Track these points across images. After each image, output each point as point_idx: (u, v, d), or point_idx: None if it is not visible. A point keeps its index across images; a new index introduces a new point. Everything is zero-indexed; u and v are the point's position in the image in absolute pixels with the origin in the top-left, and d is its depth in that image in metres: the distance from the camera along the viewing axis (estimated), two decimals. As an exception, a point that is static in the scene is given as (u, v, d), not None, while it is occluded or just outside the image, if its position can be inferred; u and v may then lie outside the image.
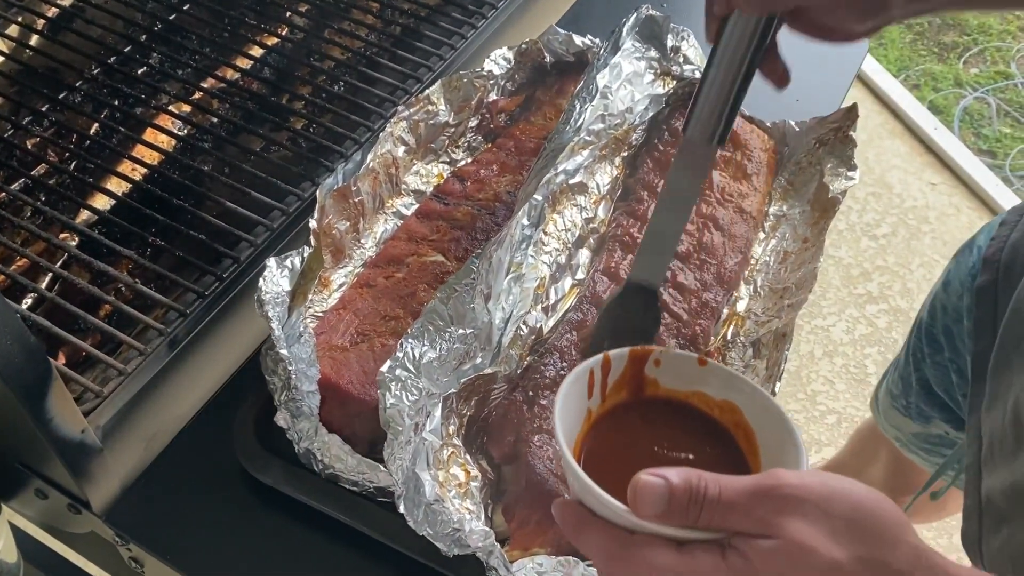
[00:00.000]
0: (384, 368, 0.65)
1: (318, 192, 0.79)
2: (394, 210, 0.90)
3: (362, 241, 0.86)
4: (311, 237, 0.76)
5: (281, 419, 0.72)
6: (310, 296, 0.77)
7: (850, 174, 0.90)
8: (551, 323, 0.81)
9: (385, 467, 0.68)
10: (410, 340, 0.67)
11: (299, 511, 0.71)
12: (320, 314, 0.80)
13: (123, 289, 0.82)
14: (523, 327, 0.76)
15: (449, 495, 0.66)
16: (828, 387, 1.91)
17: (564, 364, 0.75)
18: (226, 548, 0.71)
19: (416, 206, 0.89)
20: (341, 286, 0.83)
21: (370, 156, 0.85)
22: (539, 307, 0.79)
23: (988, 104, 2.51)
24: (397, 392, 0.64)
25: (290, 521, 0.72)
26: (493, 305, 0.72)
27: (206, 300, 0.78)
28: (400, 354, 0.66)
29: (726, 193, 0.90)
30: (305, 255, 0.75)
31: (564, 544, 0.68)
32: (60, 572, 0.88)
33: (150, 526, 0.72)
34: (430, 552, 0.65)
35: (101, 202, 0.88)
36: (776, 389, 0.73)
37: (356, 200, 0.84)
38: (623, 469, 0.44)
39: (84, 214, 0.88)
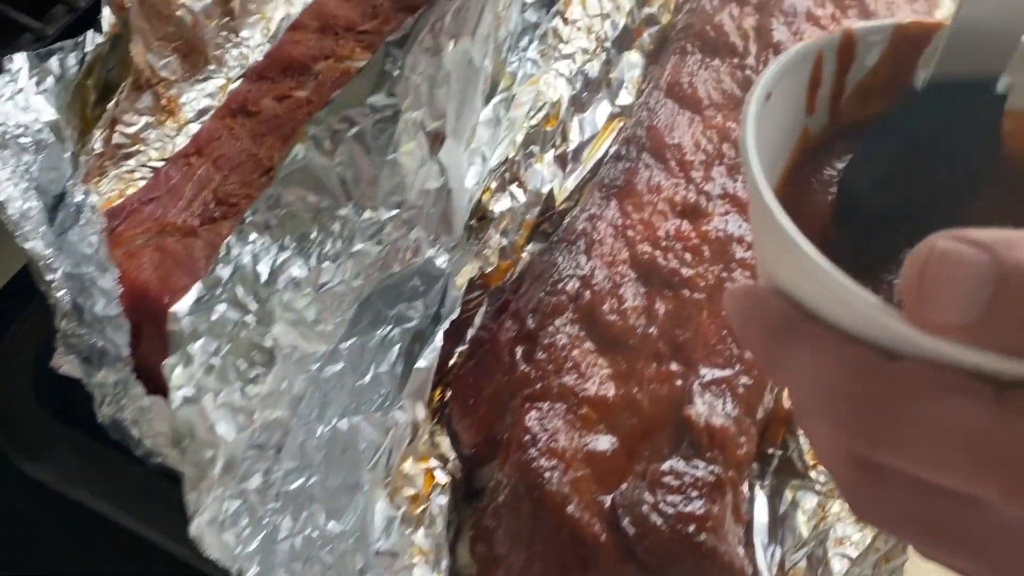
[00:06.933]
0: (179, 308, 0.30)
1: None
2: (303, -20, 0.52)
3: (241, 34, 0.49)
4: (107, 9, 0.40)
5: (65, 364, 0.39)
6: (98, 132, 0.41)
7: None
8: (571, 184, 0.45)
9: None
10: (247, 238, 0.31)
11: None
12: (156, 163, 0.45)
13: None
14: (517, 192, 0.41)
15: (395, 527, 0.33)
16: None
17: (593, 266, 0.40)
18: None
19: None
20: (201, 115, 0.47)
21: None
22: (549, 155, 0.44)
23: None
24: (203, 360, 0.30)
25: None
26: (455, 149, 0.37)
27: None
28: (224, 272, 0.31)
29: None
30: (97, 43, 0.39)
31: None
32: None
33: None
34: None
35: None
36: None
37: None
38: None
39: None
